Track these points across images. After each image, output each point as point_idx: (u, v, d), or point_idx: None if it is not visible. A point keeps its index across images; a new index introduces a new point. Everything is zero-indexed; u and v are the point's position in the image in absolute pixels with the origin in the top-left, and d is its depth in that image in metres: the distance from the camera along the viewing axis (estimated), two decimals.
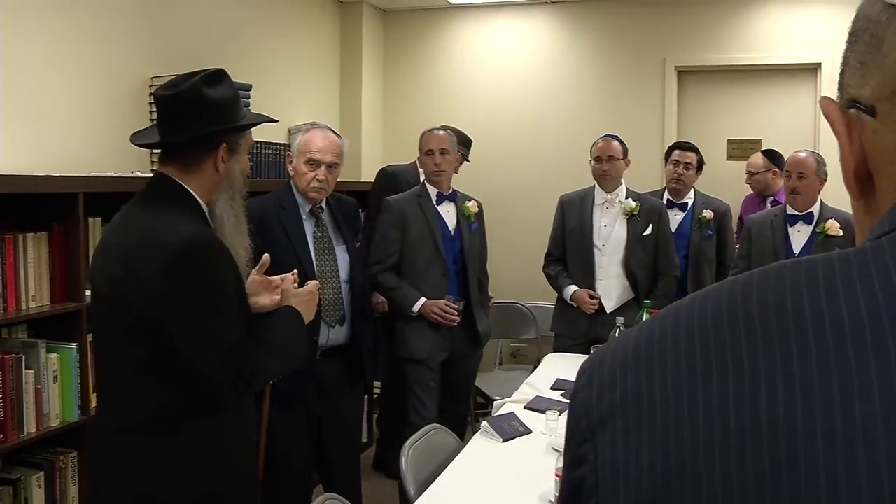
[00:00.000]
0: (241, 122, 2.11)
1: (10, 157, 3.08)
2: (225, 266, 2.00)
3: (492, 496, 2.24)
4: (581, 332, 4.20)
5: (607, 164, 4.18)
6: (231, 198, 2.15)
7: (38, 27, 3.22)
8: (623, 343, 0.64)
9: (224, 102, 2.08)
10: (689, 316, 0.60)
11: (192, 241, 1.93)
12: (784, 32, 5.37)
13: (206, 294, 1.93)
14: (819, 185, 3.99)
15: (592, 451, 0.60)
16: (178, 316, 1.91)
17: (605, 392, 0.61)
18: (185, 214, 2.01)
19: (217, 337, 1.93)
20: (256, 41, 4.70)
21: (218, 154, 2.06)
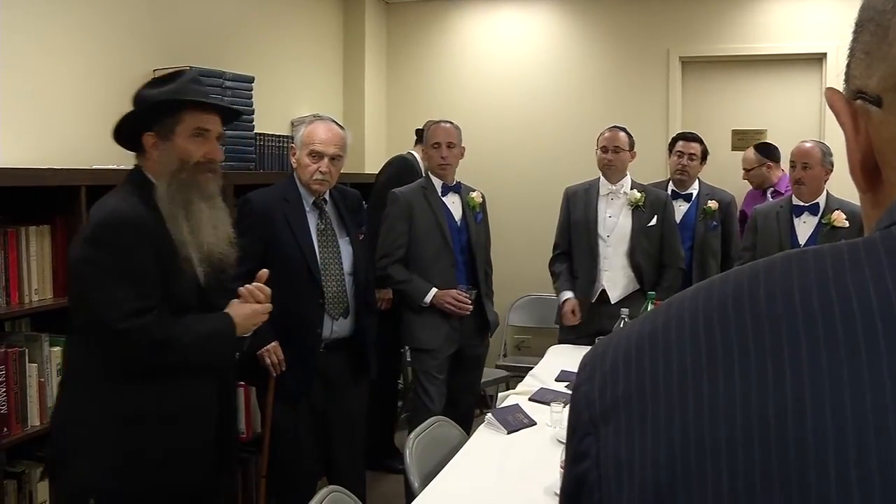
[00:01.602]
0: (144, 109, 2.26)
1: (12, 150, 3.08)
2: (142, 241, 2.16)
3: (496, 488, 2.23)
4: (584, 324, 4.19)
5: (612, 155, 4.17)
6: (169, 183, 2.26)
7: (41, 21, 3.21)
8: (626, 335, 0.62)
9: (152, 97, 2.27)
10: (693, 307, 0.59)
11: (112, 215, 2.15)
12: (789, 22, 5.34)
13: (115, 261, 2.11)
14: (825, 176, 3.97)
15: (595, 446, 0.59)
16: (90, 278, 2.13)
17: (607, 385, 0.60)
18: (129, 194, 2.23)
19: (122, 299, 2.10)
20: (259, 33, 4.69)
21: (145, 142, 2.26)
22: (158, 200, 2.24)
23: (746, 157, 5.18)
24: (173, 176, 2.26)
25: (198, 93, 2.35)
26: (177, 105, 2.26)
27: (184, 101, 2.27)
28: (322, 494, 2.06)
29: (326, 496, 2.06)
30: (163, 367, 2.20)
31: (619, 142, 4.18)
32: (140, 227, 2.16)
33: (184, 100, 2.27)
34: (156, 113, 2.25)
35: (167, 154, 2.26)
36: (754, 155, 5.12)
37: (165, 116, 2.25)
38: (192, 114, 2.28)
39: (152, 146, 2.25)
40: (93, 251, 2.12)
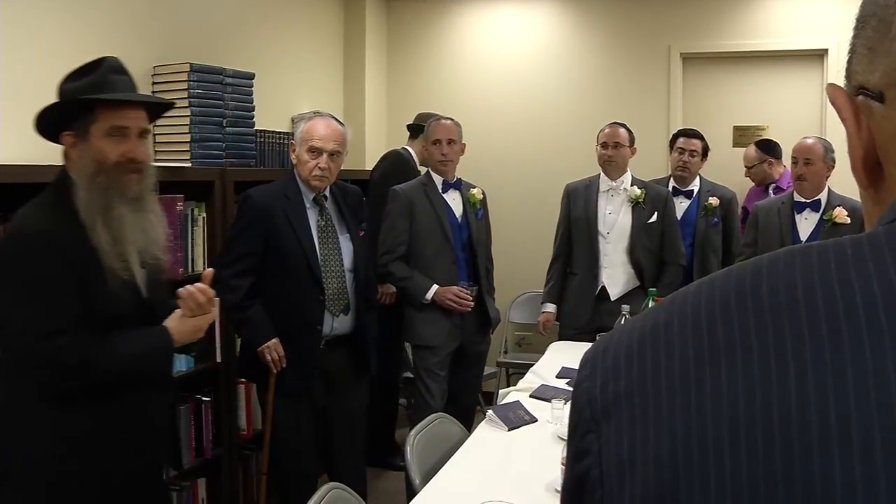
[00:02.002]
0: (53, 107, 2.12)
1: (13, 147, 3.07)
2: (51, 256, 2.01)
3: (497, 485, 2.23)
4: (584, 321, 4.19)
5: (612, 151, 4.17)
6: (88, 184, 2.09)
7: (42, 17, 3.21)
8: (627, 331, 0.61)
9: (68, 93, 2.12)
10: (695, 302, 0.58)
11: (19, 229, 2.04)
12: (790, 18, 5.33)
13: (22, 279, 1.99)
14: (826, 172, 3.96)
15: (596, 443, 0.58)
16: (2, 301, 2.01)
17: (609, 382, 0.59)
18: (47, 202, 2.09)
19: (31, 319, 1.97)
20: (259, 30, 4.68)
21: (64, 142, 2.12)
22: (78, 205, 2.08)
23: (748, 154, 5.16)
24: (91, 179, 2.08)
25: (114, 86, 2.13)
26: (89, 101, 2.09)
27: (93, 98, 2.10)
28: (323, 491, 2.05)
29: (327, 493, 2.05)
30: (83, 389, 2.05)
31: (619, 138, 4.18)
32: (49, 242, 2.01)
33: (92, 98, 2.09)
34: (70, 110, 2.09)
35: (84, 155, 2.09)
36: (755, 152, 5.11)
37: (81, 114, 2.08)
38: (108, 110, 2.10)
39: (71, 146, 2.10)
40: (6, 270, 2.01)
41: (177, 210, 3.41)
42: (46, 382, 2.03)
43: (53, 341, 1.98)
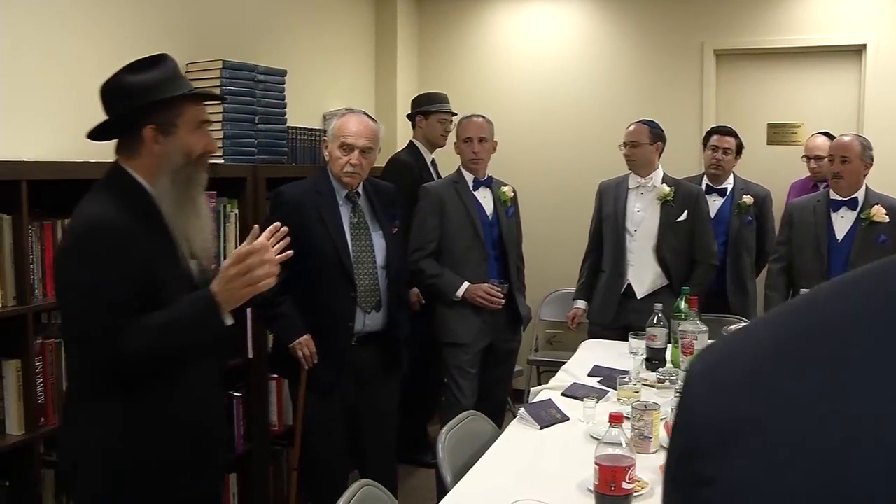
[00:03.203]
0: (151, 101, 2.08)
1: (48, 144, 3.10)
2: (121, 251, 1.99)
3: (530, 484, 2.21)
4: (610, 318, 4.17)
5: (630, 150, 4.15)
6: (172, 178, 2.11)
7: (76, 15, 3.23)
8: (753, 341, 0.54)
9: (147, 86, 2.08)
10: (838, 306, 0.51)
11: (88, 224, 2.01)
12: (827, 13, 5.25)
13: (88, 277, 1.97)
14: (864, 170, 3.91)
15: (722, 471, 0.51)
16: (66, 291, 2.04)
17: (738, 400, 0.52)
18: (110, 198, 2.06)
19: (93, 320, 1.96)
20: (291, 27, 4.69)
21: (146, 136, 2.08)
22: (159, 199, 2.10)
23: (821, 146, 4.73)
24: (178, 171, 2.11)
25: (186, 81, 2.20)
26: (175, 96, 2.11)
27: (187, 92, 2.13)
28: (354, 489, 2.05)
29: (358, 490, 2.05)
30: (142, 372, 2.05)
31: (636, 136, 4.14)
32: (119, 236, 2.01)
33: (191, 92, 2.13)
34: (156, 104, 2.08)
35: (171, 148, 2.09)
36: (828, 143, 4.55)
37: (166, 108, 2.09)
38: (194, 105, 2.15)
39: (152, 140, 2.08)
40: (71, 266, 2.00)
41: (209, 206, 3.42)
42: (114, 372, 2.04)
43: (119, 334, 1.96)
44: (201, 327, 2.08)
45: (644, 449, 2.38)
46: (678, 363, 3.20)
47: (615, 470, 1.92)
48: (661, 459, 2.30)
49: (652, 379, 3.08)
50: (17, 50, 2.99)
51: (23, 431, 2.68)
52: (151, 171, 2.11)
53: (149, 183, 2.11)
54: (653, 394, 2.93)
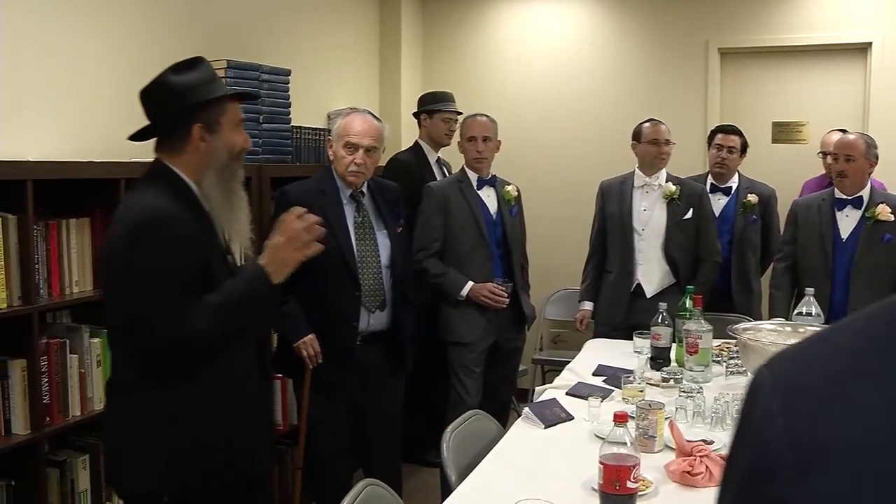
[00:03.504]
0: (200, 101, 2.16)
1: (53, 144, 3.11)
2: (179, 239, 2.07)
3: (534, 483, 2.21)
4: (620, 319, 4.16)
5: (665, 148, 4.17)
6: (218, 174, 2.22)
7: (80, 14, 3.24)
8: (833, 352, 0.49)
9: (191, 86, 2.16)
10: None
11: (146, 214, 2.06)
12: (832, 11, 5.23)
13: (154, 262, 2.03)
14: (868, 169, 3.89)
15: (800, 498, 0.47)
16: (128, 285, 2.05)
17: (820, 420, 0.47)
18: (160, 192, 2.13)
19: (160, 304, 2.02)
20: (296, 27, 4.70)
21: (194, 135, 2.15)
22: (204, 196, 2.19)
23: (835, 142, 4.47)
24: (224, 167, 2.22)
25: (223, 83, 2.33)
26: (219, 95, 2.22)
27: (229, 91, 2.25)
28: (358, 488, 2.05)
29: (363, 489, 2.05)
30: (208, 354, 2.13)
31: (667, 133, 4.18)
32: (178, 225, 2.08)
33: (235, 92, 2.26)
34: (204, 104, 2.17)
35: (216, 146, 2.19)
36: None
37: (212, 107, 2.18)
38: (233, 104, 2.26)
39: (199, 138, 2.16)
40: (132, 255, 2.04)
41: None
42: (181, 356, 2.09)
43: (183, 320, 2.03)
44: (257, 298, 2.18)
45: (648, 448, 2.37)
46: (682, 362, 3.20)
47: (620, 469, 1.92)
48: (665, 459, 2.30)
49: (656, 378, 3.08)
50: (22, 50, 2.99)
51: (28, 431, 2.68)
52: (197, 167, 2.19)
53: (192, 179, 2.19)
54: (657, 393, 2.93)
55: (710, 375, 3.14)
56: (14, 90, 2.96)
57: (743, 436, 0.52)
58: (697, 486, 2.14)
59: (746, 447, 0.51)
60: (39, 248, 2.74)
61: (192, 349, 2.08)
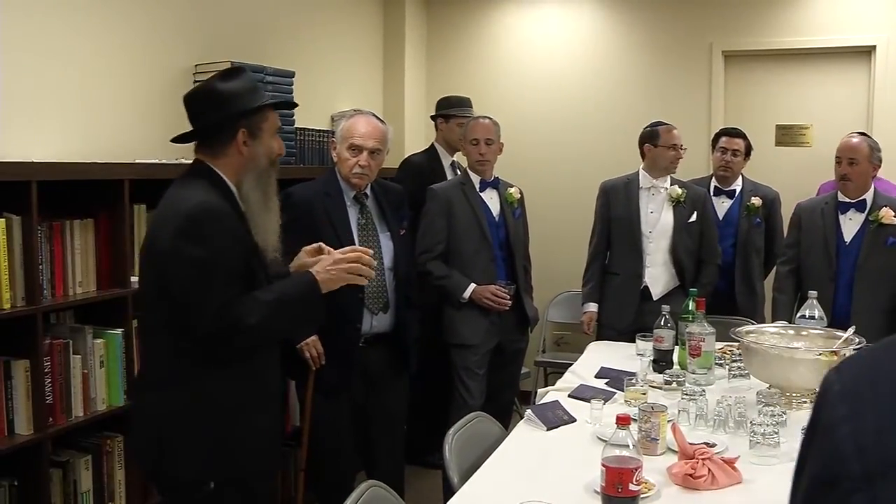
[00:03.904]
0: (247, 108, 2.26)
1: (57, 145, 3.12)
2: (229, 232, 2.17)
3: (536, 485, 2.21)
4: (627, 322, 4.17)
5: (681, 152, 4.20)
6: (257, 178, 2.30)
7: (84, 15, 3.25)
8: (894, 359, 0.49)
9: (237, 93, 2.26)
10: None
11: (199, 207, 2.13)
12: (836, 14, 5.23)
13: (207, 254, 2.10)
14: (872, 172, 3.89)
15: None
16: (181, 272, 2.10)
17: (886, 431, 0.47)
18: (206, 188, 2.21)
19: (210, 295, 2.09)
20: (300, 28, 4.70)
21: (238, 139, 2.25)
22: (243, 197, 2.28)
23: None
24: (264, 172, 2.31)
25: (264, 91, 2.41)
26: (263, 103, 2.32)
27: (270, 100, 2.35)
28: (361, 489, 2.05)
29: (365, 491, 2.05)
30: (248, 348, 2.23)
31: (682, 140, 4.19)
32: (228, 219, 2.18)
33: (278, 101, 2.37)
34: (247, 111, 2.26)
35: (257, 151, 2.28)
36: None
37: (255, 114, 2.28)
38: (273, 112, 2.35)
39: (242, 143, 2.25)
40: (185, 244, 2.10)
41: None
42: (222, 347, 2.15)
43: (224, 310, 2.09)
44: (306, 304, 2.30)
45: (651, 451, 2.37)
46: (685, 365, 3.20)
47: (622, 472, 1.92)
48: (667, 461, 2.29)
49: (659, 381, 3.08)
50: (26, 51, 3.00)
51: (31, 431, 2.69)
52: (237, 170, 2.28)
53: (231, 181, 2.29)
54: (660, 395, 2.93)
55: (712, 378, 3.14)
56: (18, 91, 2.97)
57: (811, 439, 0.52)
58: (700, 489, 2.14)
59: (815, 451, 0.51)
60: (43, 248, 2.75)
61: (240, 341, 2.16)
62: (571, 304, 5.46)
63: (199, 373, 2.17)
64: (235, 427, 2.21)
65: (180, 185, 2.26)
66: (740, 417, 2.59)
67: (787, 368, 2.79)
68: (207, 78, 2.37)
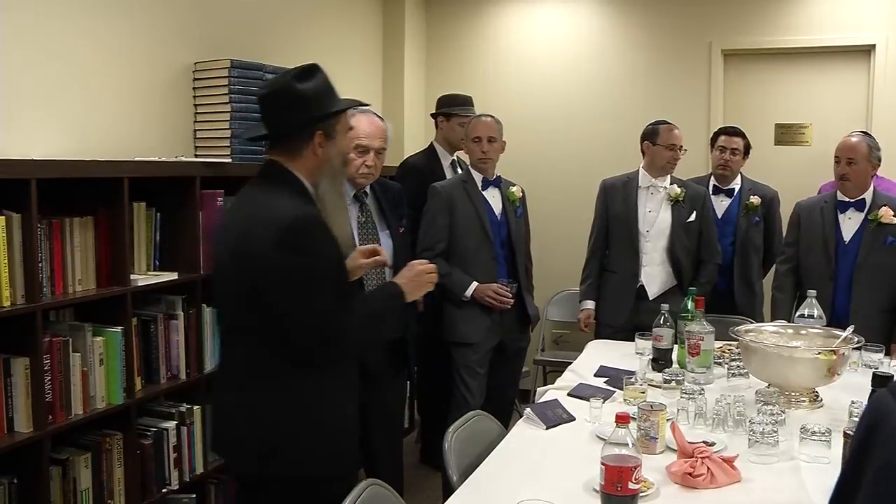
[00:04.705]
0: (328, 111, 2.26)
1: (57, 143, 3.11)
2: (326, 240, 2.19)
3: (536, 484, 2.21)
4: (623, 320, 4.18)
5: (679, 153, 4.21)
6: (332, 178, 2.32)
7: (83, 13, 3.24)
8: None
9: (314, 94, 2.25)
10: None
11: (299, 218, 2.13)
12: (835, 13, 5.24)
13: (309, 265, 2.11)
14: (871, 171, 3.89)
15: None
16: (284, 284, 2.11)
17: None
18: (291, 194, 2.21)
19: (313, 305, 2.11)
20: (299, 26, 4.70)
21: (314, 141, 2.24)
22: (319, 198, 2.28)
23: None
24: (338, 172, 2.33)
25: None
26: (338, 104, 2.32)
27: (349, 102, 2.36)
28: (360, 487, 2.06)
29: (365, 489, 2.06)
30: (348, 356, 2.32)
31: (682, 139, 4.20)
32: (324, 229, 2.19)
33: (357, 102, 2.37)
34: (325, 112, 2.26)
35: (332, 151, 2.28)
36: None
37: (331, 115, 2.27)
38: (345, 112, 2.36)
39: (318, 144, 2.24)
40: (286, 256, 2.09)
41: (217, 205, 3.44)
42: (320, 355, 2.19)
43: (325, 320, 2.13)
44: (394, 315, 2.41)
45: (650, 449, 2.37)
46: (684, 363, 3.20)
47: (621, 470, 1.93)
48: (666, 460, 2.30)
49: (658, 379, 3.08)
50: (25, 49, 3.00)
51: (31, 429, 2.69)
52: (312, 171, 2.28)
53: (307, 181, 2.28)
54: (659, 394, 2.93)
55: (711, 377, 3.15)
56: (18, 89, 2.97)
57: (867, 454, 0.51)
58: (698, 488, 2.14)
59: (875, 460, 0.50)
60: (43, 246, 2.74)
61: (338, 351, 2.20)
62: (571, 303, 5.46)
63: (295, 372, 2.19)
64: (331, 422, 2.26)
65: (263, 191, 2.25)
66: (739, 416, 2.60)
67: (786, 367, 2.79)
68: (280, 75, 2.34)
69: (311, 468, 2.21)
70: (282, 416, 2.19)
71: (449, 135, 4.69)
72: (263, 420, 2.20)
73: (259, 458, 2.22)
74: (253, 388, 2.21)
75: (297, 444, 2.20)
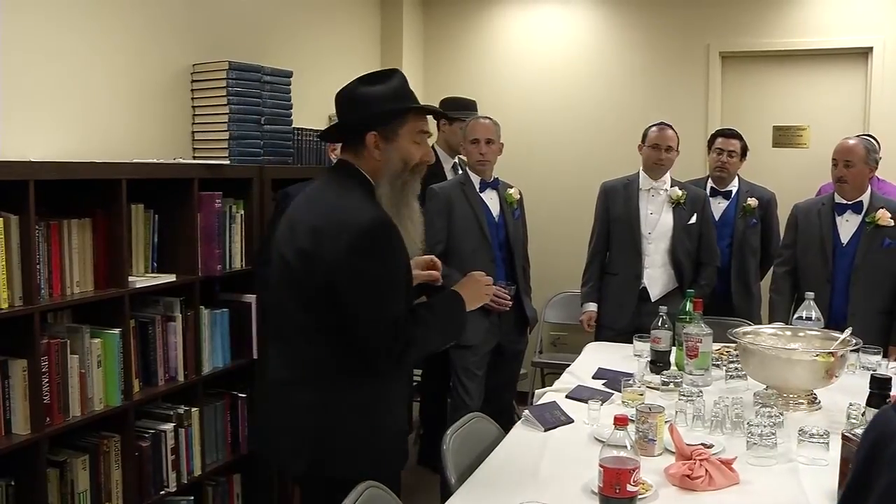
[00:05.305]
0: (379, 112, 2.24)
1: (55, 144, 3.11)
2: (399, 245, 2.20)
3: (534, 486, 2.21)
4: (625, 322, 4.18)
5: (665, 154, 4.17)
6: (391, 181, 2.29)
7: (82, 16, 3.24)
8: None
9: (375, 97, 2.26)
10: None
11: (375, 222, 2.14)
12: (833, 16, 5.25)
13: (383, 270, 2.13)
14: (869, 174, 3.89)
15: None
16: (357, 288, 2.12)
17: None
18: (362, 196, 2.23)
19: (385, 310, 2.13)
20: (297, 28, 4.70)
21: (368, 142, 2.25)
22: (378, 199, 2.27)
23: None
24: (396, 176, 2.29)
25: (414, 95, 2.37)
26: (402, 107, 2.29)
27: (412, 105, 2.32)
28: (359, 489, 2.05)
29: (363, 491, 2.05)
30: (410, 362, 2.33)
31: (671, 141, 4.19)
32: (397, 235, 2.19)
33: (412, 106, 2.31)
34: (374, 115, 2.26)
35: (390, 155, 2.27)
36: None
37: (391, 118, 2.26)
38: (418, 117, 2.32)
39: (373, 146, 2.25)
40: (361, 261, 2.10)
41: (215, 207, 3.44)
42: (386, 362, 2.17)
43: (395, 326, 2.13)
44: (456, 324, 2.39)
45: (648, 451, 2.38)
46: (682, 366, 3.20)
47: (620, 472, 1.93)
48: (665, 462, 2.30)
49: (656, 381, 3.08)
50: (23, 50, 3.00)
51: (28, 431, 2.68)
52: (373, 172, 2.29)
53: (373, 181, 2.30)
54: (657, 396, 2.93)
55: (709, 379, 3.15)
56: (16, 90, 2.97)
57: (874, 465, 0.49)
58: (697, 490, 2.14)
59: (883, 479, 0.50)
60: (41, 248, 2.74)
61: (407, 357, 2.19)
62: (569, 305, 5.47)
63: (352, 373, 2.20)
64: (384, 424, 2.28)
65: (336, 192, 2.25)
66: (737, 418, 2.60)
67: (784, 369, 2.79)
68: (358, 77, 2.34)
69: (363, 468, 2.20)
70: (340, 419, 2.20)
71: (451, 138, 4.68)
72: (316, 420, 2.21)
73: (313, 461, 2.22)
74: (316, 389, 2.21)
75: (353, 447, 2.22)
